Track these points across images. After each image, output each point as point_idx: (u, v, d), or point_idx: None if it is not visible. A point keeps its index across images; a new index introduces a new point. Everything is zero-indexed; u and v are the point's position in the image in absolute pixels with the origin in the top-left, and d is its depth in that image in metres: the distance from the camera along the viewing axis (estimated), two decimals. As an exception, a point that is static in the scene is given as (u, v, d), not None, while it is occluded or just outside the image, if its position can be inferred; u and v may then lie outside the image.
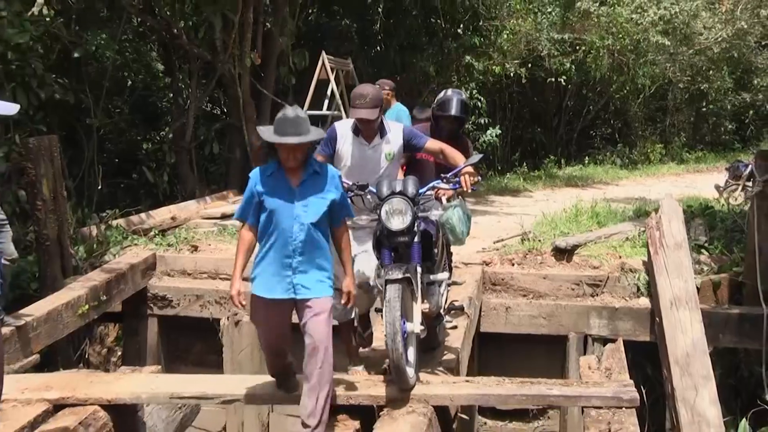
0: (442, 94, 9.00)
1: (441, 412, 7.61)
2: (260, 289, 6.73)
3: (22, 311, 9.19)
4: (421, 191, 7.44)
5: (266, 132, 6.72)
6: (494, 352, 10.71)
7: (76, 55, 16.17)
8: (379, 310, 7.55)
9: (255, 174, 6.85)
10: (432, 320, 7.95)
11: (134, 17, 18.83)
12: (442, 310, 8.15)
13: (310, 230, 6.66)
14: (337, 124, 8.04)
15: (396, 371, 6.82)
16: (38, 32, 13.92)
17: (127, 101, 19.23)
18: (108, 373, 9.91)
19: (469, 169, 7.42)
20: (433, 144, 7.84)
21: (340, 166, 7.71)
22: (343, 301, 6.83)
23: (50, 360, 9.43)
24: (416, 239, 7.27)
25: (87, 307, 10.24)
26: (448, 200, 7.93)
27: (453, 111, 8.61)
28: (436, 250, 7.77)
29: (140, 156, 19.42)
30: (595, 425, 7.19)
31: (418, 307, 7.24)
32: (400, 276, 6.82)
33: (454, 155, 7.76)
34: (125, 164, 19.21)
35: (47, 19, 14.07)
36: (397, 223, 7.05)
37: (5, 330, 8.37)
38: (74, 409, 7.37)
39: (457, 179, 7.46)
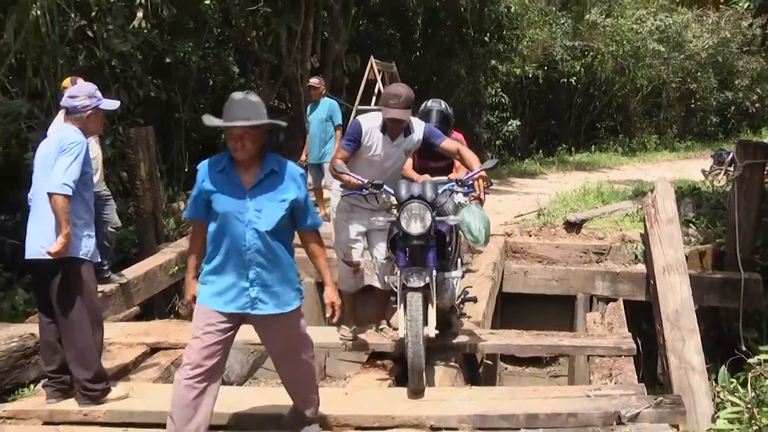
0: (423, 106, 8.08)
1: (469, 359, 7.66)
2: (211, 301, 5.08)
3: (124, 271, 9.32)
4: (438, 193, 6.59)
5: (212, 118, 5.22)
6: (514, 309, 10.70)
7: (168, 60, 16.29)
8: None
9: (203, 168, 5.17)
10: (446, 312, 7.16)
11: (215, 28, 18.91)
12: (456, 302, 7.28)
13: (267, 239, 5.04)
14: (360, 118, 7.00)
15: (416, 375, 6.09)
16: (137, 42, 14.05)
17: (209, 98, 19.28)
18: (194, 324, 10.03)
19: (483, 173, 6.46)
20: (449, 144, 6.92)
21: (363, 159, 6.87)
22: (328, 315, 5.55)
23: (148, 311, 9.54)
24: (432, 243, 6.44)
25: (176, 268, 10.33)
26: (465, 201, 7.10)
27: (433, 123, 7.56)
28: (449, 249, 6.94)
29: (219, 144, 19.47)
30: (598, 370, 7.20)
31: (434, 311, 6.39)
32: (421, 284, 6.10)
33: (470, 158, 6.77)
34: (207, 150, 19.20)
35: (145, 30, 14.16)
36: (417, 228, 6.26)
37: (112, 287, 8.53)
38: (167, 352, 7.53)
39: (470, 183, 6.54)
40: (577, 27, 29.33)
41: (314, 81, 13.39)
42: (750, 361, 7.07)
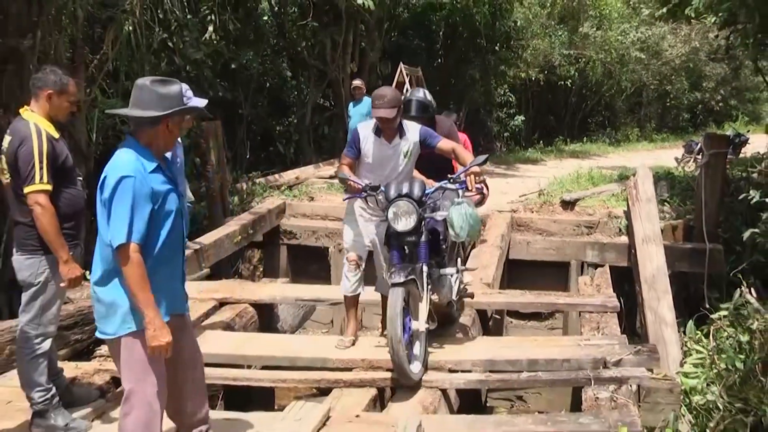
0: (409, 93, 7.46)
1: (481, 314, 7.68)
2: (166, 309, 3.90)
3: (198, 240, 9.38)
4: (427, 191, 5.80)
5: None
6: (519, 272, 10.68)
7: (232, 66, 16.41)
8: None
9: (140, 173, 3.75)
10: (444, 307, 6.35)
11: (272, 40, 18.96)
12: (454, 297, 6.24)
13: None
14: (359, 126, 6.26)
15: (397, 369, 5.36)
16: (208, 51, 14.13)
17: (266, 97, 19.35)
18: (254, 282, 10.09)
19: (475, 169, 5.73)
20: (445, 144, 6.11)
21: (363, 165, 6.14)
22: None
23: (216, 272, 9.58)
24: (423, 239, 5.67)
25: (239, 237, 10.38)
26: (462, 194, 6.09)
27: (413, 112, 7.06)
28: (444, 246, 6.07)
29: (274, 135, 19.57)
30: (588, 324, 7.21)
31: (424, 306, 5.65)
32: (402, 280, 5.32)
33: (465, 156, 6.02)
34: (264, 141, 19.36)
35: (214, 42, 14.25)
36: (403, 225, 5.56)
37: (187, 252, 8.56)
38: (232, 306, 7.58)
39: (463, 179, 5.82)
40: (572, 38, 29.20)
41: (358, 82, 13.39)
42: (712, 316, 7.07)
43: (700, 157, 11.87)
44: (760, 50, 11.80)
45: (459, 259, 6.56)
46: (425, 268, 5.67)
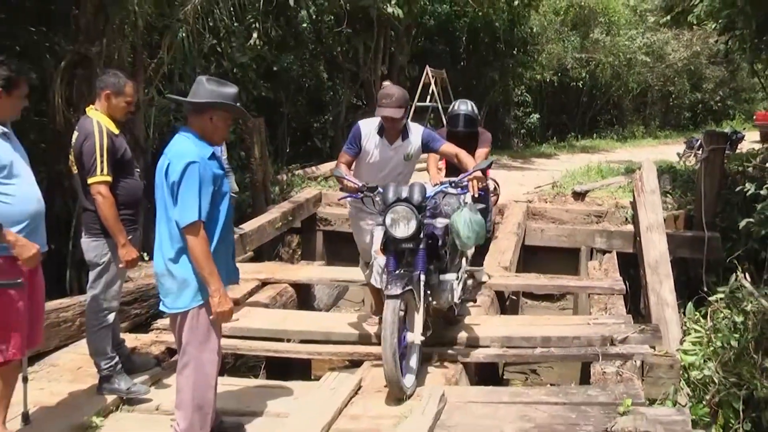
0: (456, 105, 6.89)
1: (499, 295, 7.67)
2: (224, 281, 3.94)
3: (242, 226, 9.43)
4: (428, 195, 5.09)
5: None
6: (533, 257, 10.64)
7: (274, 68, 16.43)
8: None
9: (203, 159, 3.80)
10: (445, 312, 5.81)
11: (310, 45, 18.98)
12: (456, 300, 5.50)
13: None
14: (361, 123, 5.57)
15: (389, 382, 4.71)
16: (252, 55, 14.18)
17: (305, 97, 19.38)
18: (293, 265, 10.13)
19: (478, 173, 5.09)
20: (448, 148, 5.49)
21: (362, 164, 5.53)
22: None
23: (259, 255, 9.65)
24: (421, 246, 4.96)
25: (280, 224, 10.42)
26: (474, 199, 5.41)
27: (461, 127, 6.68)
28: (444, 251, 5.32)
29: (312, 131, 19.61)
30: (597, 305, 7.19)
31: (420, 317, 5.03)
32: (399, 291, 4.67)
33: (467, 161, 5.38)
34: (303, 136, 19.39)
35: (258, 47, 14.29)
36: (402, 232, 4.85)
37: (234, 237, 8.63)
38: (274, 285, 7.64)
39: (465, 184, 5.17)
40: (583, 43, 29.03)
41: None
42: (710, 299, 7.04)
43: (700, 152, 11.78)
44: (756, 54, 11.67)
45: (465, 259, 5.99)
46: (422, 277, 5.00)
